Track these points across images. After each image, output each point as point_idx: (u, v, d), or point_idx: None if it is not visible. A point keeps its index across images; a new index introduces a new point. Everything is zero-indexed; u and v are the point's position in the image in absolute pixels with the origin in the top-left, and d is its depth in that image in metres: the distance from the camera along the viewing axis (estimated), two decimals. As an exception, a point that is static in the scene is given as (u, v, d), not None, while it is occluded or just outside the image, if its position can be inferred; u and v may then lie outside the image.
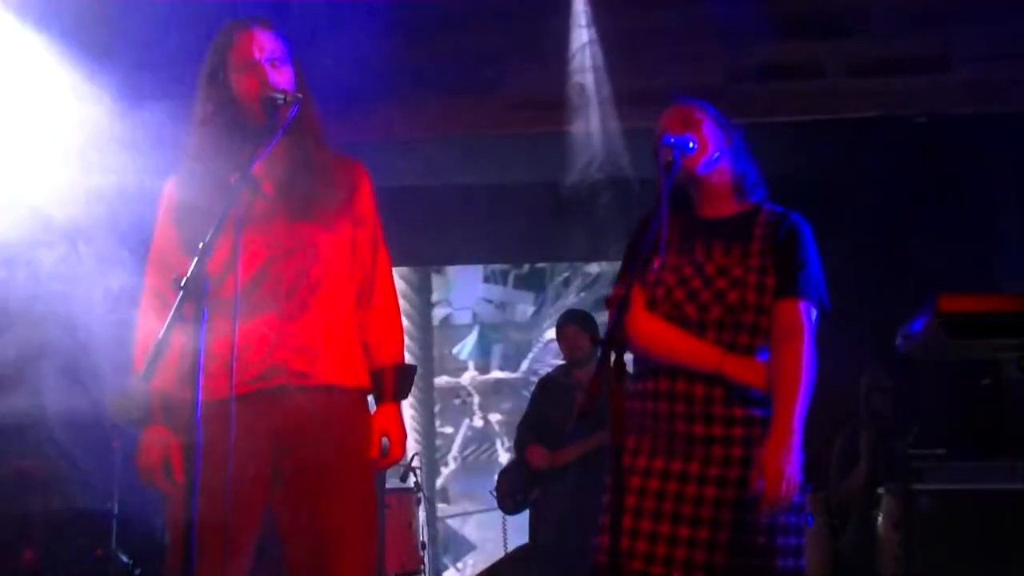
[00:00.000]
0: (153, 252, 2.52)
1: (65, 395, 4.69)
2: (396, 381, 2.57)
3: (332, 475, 2.42)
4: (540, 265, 7.60)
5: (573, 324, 5.25)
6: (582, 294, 7.50)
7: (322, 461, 2.41)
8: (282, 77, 2.43)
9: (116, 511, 5.20)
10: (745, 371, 2.49)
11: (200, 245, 2.07)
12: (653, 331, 2.53)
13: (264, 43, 2.45)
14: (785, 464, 2.39)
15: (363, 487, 2.48)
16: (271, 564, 2.51)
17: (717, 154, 2.61)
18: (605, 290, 7.09)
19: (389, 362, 2.57)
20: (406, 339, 2.73)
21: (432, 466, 7.45)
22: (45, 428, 5.26)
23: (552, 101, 5.54)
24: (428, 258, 7.33)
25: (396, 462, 2.57)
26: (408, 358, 2.76)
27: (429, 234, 6.74)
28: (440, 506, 7.42)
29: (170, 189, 2.52)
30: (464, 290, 7.70)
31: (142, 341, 2.43)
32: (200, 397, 2.30)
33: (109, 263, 3.89)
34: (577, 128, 5.39)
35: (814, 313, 2.54)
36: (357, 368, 2.52)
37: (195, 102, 2.51)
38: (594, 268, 7.48)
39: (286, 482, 2.41)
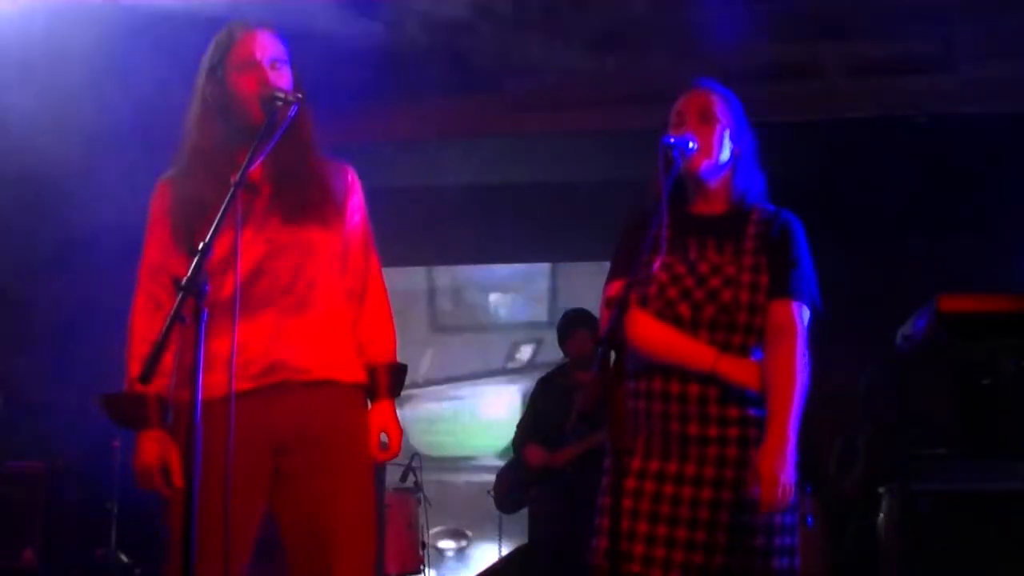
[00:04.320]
0: (148, 253, 2.51)
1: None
2: (391, 378, 2.60)
3: (334, 472, 2.43)
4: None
5: (583, 326, 5.22)
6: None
7: (324, 459, 2.42)
8: (281, 79, 2.44)
9: (116, 511, 5.21)
10: (740, 372, 2.47)
11: (200, 245, 2.07)
12: (649, 330, 2.49)
13: (265, 44, 2.46)
14: (781, 468, 2.38)
15: (364, 484, 2.50)
16: (276, 565, 2.51)
17: (723, 161, 2.58)
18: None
19: (383, 360, 2.60)
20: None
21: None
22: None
23: (555, 101, 5.54)
24: (428, 258, 7.33)
25: (394, 456, 2.61)
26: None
27: (429, 234, 6.74)
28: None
29: (164, 189, 2.51)
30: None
31: (138, 345, 2.43)
32: (200, 397, 2.32)
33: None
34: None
35: (807, 313, 2.51)
36: (354, 364, 2.53)
37: (192, 99, 2.51)
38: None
39: (287, 480, 2.42)
